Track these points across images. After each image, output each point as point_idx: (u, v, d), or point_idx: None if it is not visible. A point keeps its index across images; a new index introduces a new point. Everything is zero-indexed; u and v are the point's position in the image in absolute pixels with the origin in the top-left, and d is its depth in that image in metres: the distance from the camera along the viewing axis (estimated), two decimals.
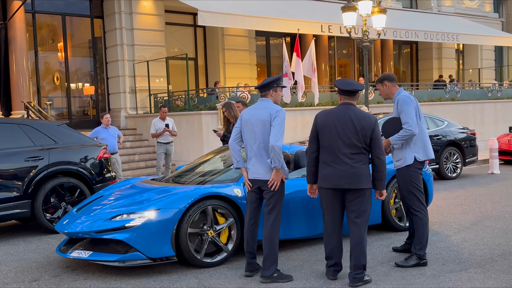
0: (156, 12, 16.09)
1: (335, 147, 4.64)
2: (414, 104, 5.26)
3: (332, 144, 4.65)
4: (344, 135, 4.61)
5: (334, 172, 4.64)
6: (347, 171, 4.61)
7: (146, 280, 5.04)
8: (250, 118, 4.91)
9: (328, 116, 4.73)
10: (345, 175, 4.61)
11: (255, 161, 4.88)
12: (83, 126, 14.72)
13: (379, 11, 13.54)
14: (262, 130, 4.82)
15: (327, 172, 4.69)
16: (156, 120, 11.32)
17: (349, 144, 4.61)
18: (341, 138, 4.61)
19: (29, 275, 5.38)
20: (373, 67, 22.28)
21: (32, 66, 14.90)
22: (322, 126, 4.71)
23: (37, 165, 7.27)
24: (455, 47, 24.66)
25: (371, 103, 15.43)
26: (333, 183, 4.66)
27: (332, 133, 4.65)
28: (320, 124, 4.73)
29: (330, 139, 4.66)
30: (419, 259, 5.17)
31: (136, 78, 15.81)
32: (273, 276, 4.81)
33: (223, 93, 14.24)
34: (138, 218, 5.13)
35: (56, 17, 15.54)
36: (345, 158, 4.61)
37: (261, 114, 4.85)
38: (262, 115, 4.84)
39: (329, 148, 4.67)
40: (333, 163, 4.64)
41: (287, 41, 18.67)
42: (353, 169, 4.61)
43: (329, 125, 4.67)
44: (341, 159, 4.62)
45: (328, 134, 4.67)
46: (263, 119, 4.82)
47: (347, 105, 4.75)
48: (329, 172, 4.67)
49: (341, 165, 4.62)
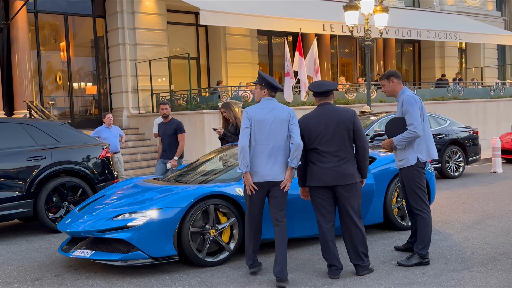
0: (158, 12, 16.10)
1: (321, 147, 4.82)
2: (419, 105, 5.21)
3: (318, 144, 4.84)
4: (328, 134, 4.80)
5: (321, 170, 4.82)
6: (335, 169, 4.80)
7: (148, 279, 5.04)
8: (267, 118, 4.79)
9: (309, 119, 4.90)
10: (333, 173, 4.81)
11: (271, 162, 4.74)
12: (85, 126, 14.75)
13: (381, 10, 13.53)
14: (280, 129, 4.76)
15: (315, 171, 4.84)
16: (158, 119, 11.30)
17: (334, 142, 4.81)
18: (326, 137, 4.81)
19: (32, 274, 5.39)
20: (375, 66, 22.26)
21: (34, 65, 14.93)
22: (306, 129, 4.86)
23: (40, 164, 7.29)
24: (457, 46, 24.61)
25: (373, 102, 15.41)
26: (323, 181, 4.82)
27: (316, 134, 4.83)
28: (303, 126, 4.87)
29: (316, 140, 4.83)
30: (421, 258, 5.16)
31: (138, 77, 15.83)
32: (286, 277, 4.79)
33: (225, 92, 14.24)
34: (140, 217, 5.14)
35: (58, 16, 15.56)
36: (330, 157, 4.81)
37: (280, 113, 4.79)
38: (281, 115, 4.79)
39: (315, 149, 4.86)
40: (319, 161, 4.83)
41: (289, 40, 18.65)
42: (340, 167, 4.80)
43: (313, 127, 4.85)
44: (327, 158, 4.81)
45: (312, 135, 4.84)
46: (283, 118, 4.78)
47: (324, 105, 4.94)
48: (317, 171, 4.83)
49: (327, 163, 4.81)
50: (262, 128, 4.77)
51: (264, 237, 5.55)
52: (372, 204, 6.27)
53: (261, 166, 4.77)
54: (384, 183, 6.41)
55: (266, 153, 4.76)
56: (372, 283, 4.71)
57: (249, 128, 4.79)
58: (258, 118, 4.80)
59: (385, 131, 5.41)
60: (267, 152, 4.76)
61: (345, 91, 16.25)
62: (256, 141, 4.79)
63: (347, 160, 4.83)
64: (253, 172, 4.79)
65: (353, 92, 16.39)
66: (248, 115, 4.86)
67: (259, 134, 4.78)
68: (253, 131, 4.79)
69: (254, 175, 4.78)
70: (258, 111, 4.85)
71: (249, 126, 4.80)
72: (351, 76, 22.27)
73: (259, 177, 4.77)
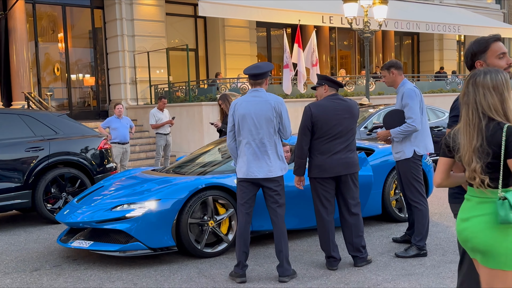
0: (157, 3, 16.03)
1: (331, 137, 4.79)
2: (419, 98, 5.20)
3: (331, 135, 4.78)
4: (343, 124, 4.78)
5: (332, 161, 4.78)
6: (345, 159, 4.81)
7: (146, 269, 5.06)
8: (248, 113, 4.59)
9: (320, 108, 4.82)
10: (343, 163, 4.81)
11: (256, 159, 4.58)
12: (83, 117, 14.74)
13: (380, 2, 13.47)
14: (266, 125, 4.57)
15: (324, 162, 4.78)
16: (154, 110, 11.30)
17: (347, 132, 4.84)
18: (340, 128, 4.78)
19: (30, 264, 5.40)
20: (374, 58, 22.23)
21: (32, 56, 14.87)
22: (317, 117, 4.77)
23: (38, 155, 7.28)
24: (456, 39, 24.58)
25: (372, 95, 15.41)
26: (335, 171, 4.79)
27: (331, 124, 4.75)
28: (316, 115, 4.77)
29: (326, 129, 4.76)
30: (419, 249, 5.18)
31: (136, 69, 15.79)
32: (292, 272, 4.73)
33: (223, 84, 14.21)
34: (139, 208, 5.14)
35: (56, 7, 15.49)
36: (342, 147, 4.82)
37: (263, 108, 4.59)
38: (264, 110, 4.57)
39: (327, 139, 4.80)
40: (329, 152, 4.79)
41: (288, 32, 18.60)
42: (349, 157, 4.85)
43: (324, 117, 4.77)
44: (339, 148, 4.81)
45: (325, 126, 4.76)
46: (266, 114, 4.57)
47: (336, 96, 4.93)
48: (326, 161, 4.78)
49: (338, 153, 4.80)
50: (245, 124, 4.61)
51: (262, 228, 5.58)
52: (370, 196, 6.28)
53: (246, 163, 4.66)
54: (382, 175, 6.42)
55: (252, 149, 4.62)
56: (370, 274, 4.73)
57: (232, 124, 4.69)
58: (241, 112, 4.62)
59: (383, 122, 5.41)
60: (253, 148, 4.62)
61: (344, 84, 16.24)
62: (242, 135, 4.66)
63: (353, 150, 4.92)
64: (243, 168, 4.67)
65: (352, 84, 16.38)
66: (233, 108, 4.73)
67: (243, 129, 4.63)
68: (239, 126, 4.65)
69: (244, 171, 4.66)
70: (246, 104, 4.64)
71: (232, 122, 4.70)
72: (350, 69, 22.24)
73: (249, 173, 4.66)
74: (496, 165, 2.55)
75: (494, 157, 2.55)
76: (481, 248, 2.61)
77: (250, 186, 4.66)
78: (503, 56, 2.87)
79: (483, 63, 2.87)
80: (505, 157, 2.52)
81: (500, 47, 2.87)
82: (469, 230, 2.64)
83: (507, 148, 2.50)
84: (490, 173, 2.57)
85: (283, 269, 4.64)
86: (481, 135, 2.57)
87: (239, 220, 4.70)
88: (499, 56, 2.86)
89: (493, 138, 2.53)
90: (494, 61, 2.86)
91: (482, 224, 2.59)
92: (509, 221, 2.50)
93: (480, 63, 2.88)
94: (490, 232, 2.57)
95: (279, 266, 4.67)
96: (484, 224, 2.59)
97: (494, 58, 2.86)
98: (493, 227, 2.57)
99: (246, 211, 4.67)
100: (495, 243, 2.57)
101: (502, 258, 2.56)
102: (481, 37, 2.93)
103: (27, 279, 4.94)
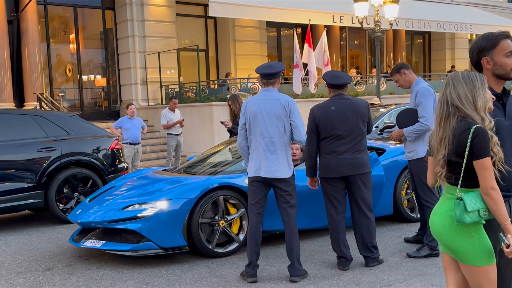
0: (167, 3, 16.09)
1: (338, 137, 4.78)
2: (433, 97, 5.16)
3: (335, 135, 4.79)
4: (346, 124, 4.77)
5: (338, 161, 4.78)
6: (351, 160, 4.79)
7: (158, 269, 5.08)
8: (259, 111, 4.60)
9: (325, 109, 4.83)
10: (350, 164, 4.79)
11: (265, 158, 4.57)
12: (95, 118, 14.82)
13: (391, 1, 13.41)
14: (276, 123, 4.57)
15: (331, 162, 4.80)
16: (165, 111, 11.33)
17: (352, 132, 4.80)
18: (344, 128, 4.77)
19: (43, 264, 5.44)
20: (385, 58, 22.13)
21: (44, 58, 14.99)
22: (320, 118, 4.80)
23: (50, 155, 7.33)
24: (468, 38, 24.39)
25: (383, 94, 15.34)
26: (340, 172, 4.80)
27: (334, 124, 4.77)
28: (318, 117, 4.81)
29: (330, 129, 4.78)
30: (431, 249, 5.15)
31: (147, 69, 15.85)
32: (303, 272, 4.72)
33: (234, 84, 14.22)
34: (150, 208, 5.16)
35: (68, 8, 15.60)
36: (348, 147, 4.79)
37: (273, 106, 4.58)
38: (274, 108, 4.57)
39: (332, 139, 4.80)
40: (335, 152, 4.79)
41: (298, 32, 18.59)
42: (356, 158, 4.81)
43: (330, 117, 4.78)
44: (345, 148, 4.79)
45: (329, 126, 4.78)
46: (276, 112, 4.57)
47: (340, 95, 4.90)
48: (333, 162, 4.79)
49: (344, 153, 4.78)
50: (256, 122, 4.60)
51: (273, 228, 5.58)
52: (382, 196, 6.25)
53: (257, 162, 4.66)
54: (393, 175, 6.38)
55: (261, 148, 4.61)
56: (382, 274, 4.71)
57: (244, 122, 4.70)
58: (252, 111, 4.62)
59: (396, 121, 5.37)
60: (262, 148, 4.61)
61: (355, 83, 16.18)
62: (253, 134, 4.66)
63: (361, 150, 4.85)
64: (255, 168, 4.66)
65: (363, 84, 16.32)
66: (244, 107, 4.74)
67: (253, 128, 4.64)
68: (250, 124, 4.65)
69: (256, 170, 4.65)
70: (257, 102, 4.65)
71: (243, 121, 4.70)
72: (361, 68, 22.15)
73: (262, 173, 4.64)
74: (460, 164, 2.56)
75: (459, 156, 2.54)
76: (448, 244, 2.64)
77: (261, 186, 4.66)
78: (511, 54, 2.79)
79: (490, 60, 2.78)
80: (469, 158, 2.52)
81: (509, 45, 2.78)
82: (436, 225, 2.68)
83: (472, 149, 2.50)
84: (456, 172, 2.58)
85: (294, 269, 4.63)
86: (450, 128, 2.57)
87: (250, 220, 4.70)
88: (507, 54, 2.77)
89: (461, 136, 2.54)
90: (501, 59, 2.77)
91: (447, 220, 2.63)
92: (463, 221, 2.51)
93: (486, 59, 2.79)
94: (454, 229, 2.60)
95: (290, 266, 4.66)
96: (449, 221, 2.62)
97: (501, 56, 2.77)
98: (455, 224, 2.59)
99: (257, 211, 4.67)
100: (460, 240, 2.59)
101: (470, 254, 2.58)
102: (489, 33, 2.84)
103: (40, 278, 4.98)
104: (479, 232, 2.57)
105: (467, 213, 2.49)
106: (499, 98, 2.81)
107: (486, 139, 2.49)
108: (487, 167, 2.49)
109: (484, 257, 2.56)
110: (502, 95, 2.82)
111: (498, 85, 2.84)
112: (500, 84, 2.85)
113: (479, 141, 2.48)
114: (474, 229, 2.56)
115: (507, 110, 2.81)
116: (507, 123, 2.77)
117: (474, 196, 2.53)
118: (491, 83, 2.81)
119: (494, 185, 2.50)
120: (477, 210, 2.51)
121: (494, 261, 2.59)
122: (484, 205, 2.52)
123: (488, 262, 2.57)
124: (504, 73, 2.80)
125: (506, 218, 2.50)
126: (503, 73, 2.80)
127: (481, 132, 2.49)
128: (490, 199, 2.50)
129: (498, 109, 2.78)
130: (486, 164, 2.49)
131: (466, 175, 2.56)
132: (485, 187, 2.50)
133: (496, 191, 2.50)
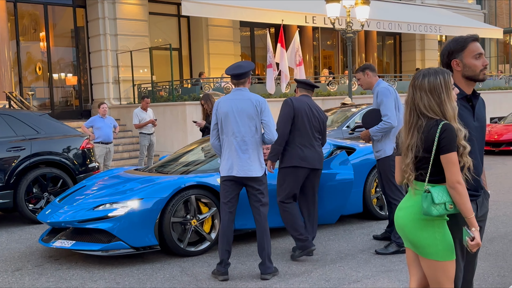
0: (140, 2, 15.97)
1: (309, 131, 5.17)
2: (394, 96, 5.32)
3: (307, 128, 5.16)
4: (319, 120, 5.26)
5: (313, 154, 5.17)
6: (318, 153, 5.25)
7: (129, 269, 5.07)
8: (231, 111, 4.62)
9: (300, 103, 5.20)
10: (318, 157, 5.24)
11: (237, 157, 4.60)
12: (65, 117, 14.62)
13: (362, 2, 13.61)
14: (247, 122, 4.60)
15: (304, 154, 5.14)
16: (138, 110, 11.27)
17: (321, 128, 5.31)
18: (313, 124, 5.20)
19: (12, 264, 5.38)
20: (357, 58, 22.38)
21: (13, 56, 14.71)
22: (298, 111, 5.15)
23: (19, 155, 7.23)
24: (438, 39, 24.86)
25: (355, 94, 15.53)
26: (311, 163, 5.16)
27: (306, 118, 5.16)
28: (297, 109, 5.15)
29: (305, 124, 5.16)
30: (399, 246, 5.26)
31: (119, 68, 15.71)
32: (274, 270, 4.77)
33: (207, 83, 14.22)
34: (121, 207, 5.15)
35: (38, 6, 15.35)
36: (318, 142, 5.28)
37: (244, 106, 4.61)
38: (245, 107, 4.60)
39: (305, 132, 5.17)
40: (310, 145, 5.17)
41: (272, 32, 18.66)
42: (319, 152, 5.29)
43: (303, 111, 5.16)
44: (318, 142, 5.25)
45: (305, 119, 5.16)
46: (248, 112, 4.60)
47: (307, 96, 5.37)
48: (307, 154, 5.14)
49: (317, 147, 5.21)
50: (227, 122, 4.63)
51: (245, 227, 5.62)
52: (351, 194, 6.35)
53: (229, 161, 4.72)
54: (363, 173, 6.50)
55: (233, 147, 4.64)
56: (351, 271, 4.80)
57: (216, 122, 4.72)
58: (223, 111, 4.63)
59: (362, 122, 5.51)
60: (234, 147, 4.64)
61: (327, 83, 16.34)
62: (224, 134, 4.69)
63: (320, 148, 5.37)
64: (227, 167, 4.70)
65: (335, 84, 16.49)
66: (216, 107, 4.76)
67: (225, 127, 4.65)
68: (222, 124, 4.67)
69: (227, 170, 4.69)
70: (228, 102, 4.68)
71: (215, 121, 4.72)
72: (333, 68, 22.36)
73: (234, 171, 4.67)
74: (428, 159, 2.64)
75: (427, 151, 2.64)
76: (411, 238, 2.73)
77: (233, 185, 4.70)
78: (480, 56, 2.90)
79: (459, 62, 2.89)
80: (437, 152, 2.61)
81: (477, 47, 2.90)
82: (401, 219, 2.77)
83: (439, 144, 2.59)
84: (423, 167, 2.67)
85: (265, 267, 4.69)
86: (417, 133, 2.66)
87: (222, 219, 4.73)
88: (476, 56, 2.89)
89: (429, 134, 2.63)
90: (470, 61, 2.88)
91: (412, 214, 2.71)
92: (430, 213, 2.60)
93: (456, 62, 2.90)
94: (418, 223, 2.69)
95: (261, 264, 4.72)
96: (413, 215, 2.70)
97: (470, 58, 2.88)
98: (420, 218, 2.67)
99: (230, 210, 4.71)
100: (423, 234, 2.68)
101: (431, 249, 2.67)
102: (459, 36, 2.97)
103: (9, 279, 4.92)
104: (442, 227, 2.66)
105: (434, 205, 2.56)
106: (468, 99, 2.91)
107: (453, 134, 2.58)
108: (454, 162, 2.58)
109: (445, 252, 2.65)
110: (471, 97, 2.91)
111: (468, 86, 2.93)
112: (470, 86, 2.94)
113: (446, 136, 2.57)
114: (438, 224, 2.65)
115: (475, 111, 2.91)
116: (476, 124, 2.87)
117: (441, 189, 2.61)
118: (461, 84, 2.91)
119: (460, 180, 2.59)
120: (444, 203, 2.58)
121: (454, 258, 2.69)
122: (450, 199, 2.60)
123: (448, 257, 2.67)
124: (474, 74, 2.90)
125: (471, 212, 2.59)
126: (472, 74, 2.90)
127: (449, 128, 2.59)
128: (456, 192, 2.58)
129: (468, 110, 2.88)
130: (452, 159, 2.58)
131: (434, 170, 2.63)
132: (452, 181, 2.59)
133: (462, 186, 2.59)
